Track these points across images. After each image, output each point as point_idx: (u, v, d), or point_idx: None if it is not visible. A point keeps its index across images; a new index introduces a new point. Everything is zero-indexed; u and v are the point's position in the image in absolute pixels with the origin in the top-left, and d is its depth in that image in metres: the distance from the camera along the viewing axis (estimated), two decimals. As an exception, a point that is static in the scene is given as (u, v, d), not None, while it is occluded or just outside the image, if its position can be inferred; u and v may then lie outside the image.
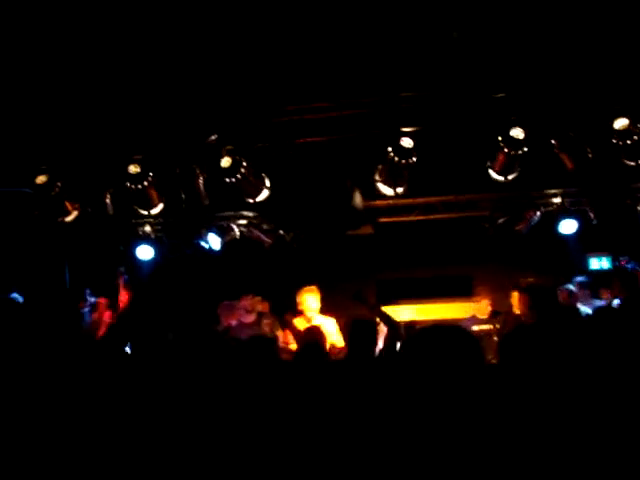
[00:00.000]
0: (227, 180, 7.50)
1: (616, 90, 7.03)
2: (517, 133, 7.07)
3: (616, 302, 6.75)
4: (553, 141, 7.33)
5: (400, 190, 7.74)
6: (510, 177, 7.53)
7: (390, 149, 7.26)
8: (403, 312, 8.63)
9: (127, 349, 4.82)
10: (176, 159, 7.88)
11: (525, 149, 7.12)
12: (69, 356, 3.83)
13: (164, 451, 3.21)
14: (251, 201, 7.97)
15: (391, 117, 7.39)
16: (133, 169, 7.55)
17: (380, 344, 5.86)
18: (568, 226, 8.06)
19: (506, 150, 7.16)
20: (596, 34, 6.40)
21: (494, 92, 7.19)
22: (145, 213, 8.10)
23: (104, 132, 7.57)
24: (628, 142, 7.00)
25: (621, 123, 6.95)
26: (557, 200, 8.19)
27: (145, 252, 8.23)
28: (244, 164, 7.46)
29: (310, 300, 7.09)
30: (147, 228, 8.38)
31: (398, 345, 5.97)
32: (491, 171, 7.56)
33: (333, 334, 6.56)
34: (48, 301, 7.27)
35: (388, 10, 6.31)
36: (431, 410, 2.17)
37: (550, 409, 2.46)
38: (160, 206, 8.06)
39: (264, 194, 7.91)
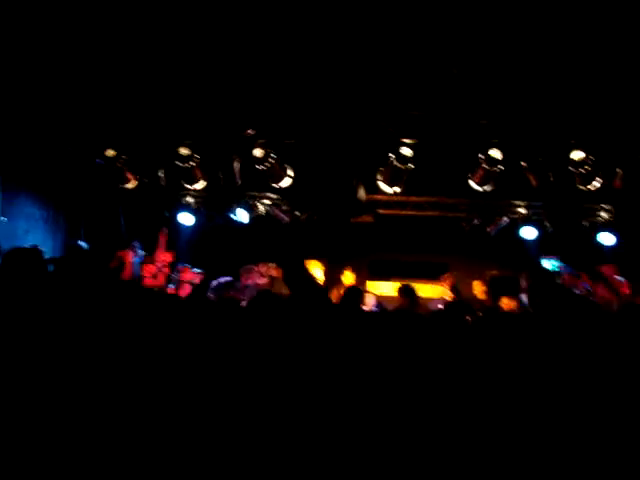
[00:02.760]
0: (258, 167, 8.35)
1: (575, 128, 7.72)
2: (495, 153, 7.93)
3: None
4: (523, 163, 8.13)
5: (397, 189, 8.52)
6: (486, 188, 8.35)
7: (392, 155, 8.10)
8: (389, 287, 9.18)
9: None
10: (218, 146, 8.56)
11: (500, 167, 7.99)
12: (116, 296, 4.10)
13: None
14: (275, 186, 8.74)
15: (395, 130, 8.06)
16: (183, 151, 8.41)
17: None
18: (529, 232, 8.90)
19: (485, 166, 8.03)
20: (561, 84, 7.03)
21: (479, 119, 7.83)
22: (189, 187, 8.86)
23: (163, 119, 8.20)
24: (582, 171, 7.90)
25: (577, 155, 7.82)
26: (522, 210, 9.04)
27: (186, 218, 9.07)
28: (272, 155, 8.30)
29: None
30: (189, 199, 9.15)
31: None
32: (471, 182, 8.37)
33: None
34: (106, 249, 7.93)
35: (403, 52, 6.84)
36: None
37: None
38: (202, 183, 8.82)
39: (287, 181, 8.69)
